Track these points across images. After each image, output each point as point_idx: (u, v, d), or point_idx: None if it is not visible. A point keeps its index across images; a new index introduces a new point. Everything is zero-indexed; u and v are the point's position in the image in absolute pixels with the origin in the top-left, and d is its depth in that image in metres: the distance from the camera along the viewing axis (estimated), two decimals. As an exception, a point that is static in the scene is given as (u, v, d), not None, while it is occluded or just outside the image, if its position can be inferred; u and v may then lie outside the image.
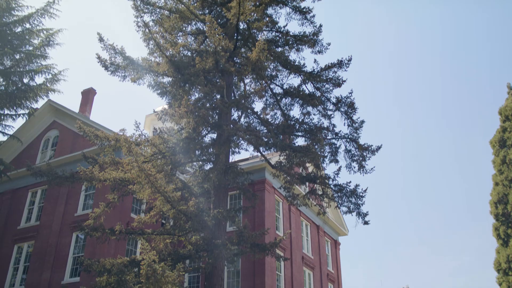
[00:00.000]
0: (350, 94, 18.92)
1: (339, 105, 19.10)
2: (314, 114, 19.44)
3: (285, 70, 19.46)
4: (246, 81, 19.82)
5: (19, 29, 24.96)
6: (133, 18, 24.98)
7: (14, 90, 24.80)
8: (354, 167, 19.01)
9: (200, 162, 19.62)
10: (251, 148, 18.62)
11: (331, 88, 19.12)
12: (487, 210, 41.25)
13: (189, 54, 18.74)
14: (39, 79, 25.38)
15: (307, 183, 20.72)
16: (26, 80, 25.39)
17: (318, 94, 19.11)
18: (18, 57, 25.05)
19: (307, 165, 20.59)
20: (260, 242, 18.12)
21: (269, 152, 19.29)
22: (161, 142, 17.46)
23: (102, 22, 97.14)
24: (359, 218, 18.82)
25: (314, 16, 19.58)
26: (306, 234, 29.92)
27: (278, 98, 19.57)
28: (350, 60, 18.70)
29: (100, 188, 20.98)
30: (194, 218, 16.62)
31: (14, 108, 25.25)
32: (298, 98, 19.15)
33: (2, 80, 24.61)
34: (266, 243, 17.84)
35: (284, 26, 19.78)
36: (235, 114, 19.46)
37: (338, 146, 19.04)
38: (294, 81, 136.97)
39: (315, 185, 19.25)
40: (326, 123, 19.43)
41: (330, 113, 19.27)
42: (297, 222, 28.57)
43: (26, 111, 26.11)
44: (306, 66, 19.08)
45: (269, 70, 19.32)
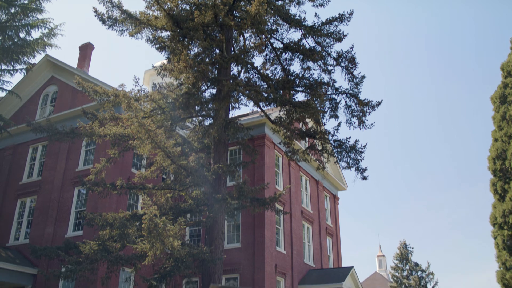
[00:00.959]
0: (351, 49, 18.70)
1: (340, 60, 18.90)
2: (314, 69, 19.28)
3: (285, 24, 19.15)
4: (246, 35, 19.54)
5: (13, -19, 24.42)
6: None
7: (10, 45, 24.50)
8: (354, 123, 19.02)
9: (200, 118, 19.62)
10: (251, 103, 18.58)
11: (332, 42, 18.87)
12: (485, 166, 41.45)
13: (187, 7, 18.41)
14: (36, 34, 25.18)
15: (307, 138, 20.81)
16: (22, 34, 25.06)
17: (319, 48, 18.88)
18: (13, 10, 24.62)
19: (307, 120, 20.61)
20: (260, 197, 18.38)
21: (269, 107, 19.24)
22: (160, 97, 17.41)
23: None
24: (358, 173, 19.00)
25: (315, -33, 19.11)
26: (305, 189, 30.26)
27: (278, 52, 19.34)
28: (351, 14, 18.38)
29: (100, 143, 21.09)
30: (195, 173, 16.78)
31: (12, 63, 25.02)
32: (298, 53, 18.93)
33: (-2, 34, 24.27)
34: (265, 198, 18.07)
35: (284, -22, 19.34)
36: (235, 69, 19.30)
37: (338, 101, 18.98)
38: (295, 35, 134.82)
39: (315, 140, 19.31)
40: (326, 78, 19.31)
41: (330, 68, 19.10)
42: (296, 177, 28.85)
43: (24, 66, 25.90)
44: (306, 20, 18.76)
45: (269, 24, 19.00)
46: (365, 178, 18.99)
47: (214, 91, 18.97)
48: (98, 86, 18.46)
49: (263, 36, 18.77)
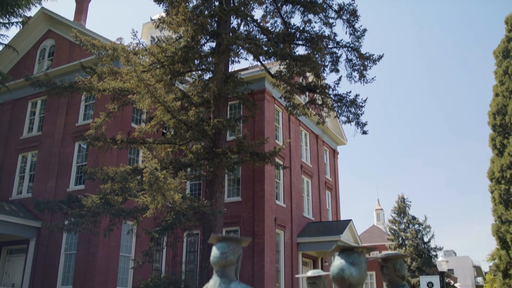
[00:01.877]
0: (353, 1, 18.33)
1: (341, 12, 18.55)
2: (315, 22, 18.96)
3: (286, -25, 18.69)
4: (246, -13, 19.09)
5: None
6: None
7: (5, -3, 23.95)
8: (355, 77, 18.87)
9: (199, 72, 19.45)
10: (251, 57, 18.38)
11: (334, -6, 18.48)
12: (485, 121, 41.39)
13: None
14: (30, -15, 24.41)
15: (307, 93, 20.72)
16: (17, -14, 24.43)
17: (320, 1, 18.49)
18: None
19: (307, 74, 20.43)
20: (259, 151, 18.45)
21: (269, 61, 19.05)
22: (159, 51, 17.20)
23: None
24: (358, 128, 19.03)
25: None
26: (305, 143, 30.37)
27: (279, 5, 18.96)
28: (353, -36, 17.92)
29: (99, 98, 20.97)
30: (195, 128, 16.79)
31: (7, 16, 24.53)
32: (299, 5, 18.56)
33: (-8, -14, 23.69)
34: (265, 152, 18.17)
35: None
36: (234, 22, 18.98)
37: (339, 55, 18.77)
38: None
39: (315, 94, 19.23)
40: (327, 32, 19.06)
41: (331, 21, 18.76)
42: (296, 132, 28.90)
43: (20, 20, 25.38)
44: (308, -29, 18.29)
45: (269, -25, 18.55)
46: (365, 132, 19.03)
47: (213, 45, 18.72)
48: (96, 39, 18.20)
49: (263, -13, 18.34)
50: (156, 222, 19.11)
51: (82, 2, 28.70)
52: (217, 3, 17.59)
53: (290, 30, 18.79)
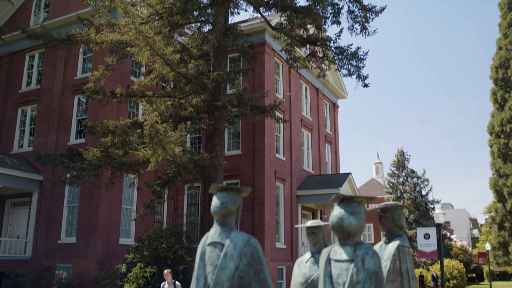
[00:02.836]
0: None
1: (344, -39, 18.05)
2: (316, -28, 18.46)
3: None
4: None
5: None
6: None
7: None
8: (357, 29, 18.56)
9: (198, 24, 19.13)
10: (251, 8, 18.03)
11: None
12: (487, 75, 41.04)
13: None
14: None
15: (308, 45, 20.42)
16: None
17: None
18: None
19: (308, 26, 20.10)
20: (259, 104, 18.39)
21: (269, 13, 18.68)
22: (157, 2, 16.84)
23: None
24: (359, 81, 18.89)
25: None
26: (305, 96, 30.24)
27: (279, -46, 18.41)
28: None
29: (98, 51, 20.72)
30: (194, 81, 16.66)
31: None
32: (300, -46, 18.03)
33: None
34: (265, 105, 18.11)
35: None
36: (234, -28, 18.48)
37: (340, 6, 18.37)
38: None
39: (316, 47, 18.98)
40: (329, -19, 18.55)
41: (333, -30, 18.28)
42: (296, 85, 28.72)
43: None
44: None
45: None
46: (366, 85, 18.91)
47: (212, -4, 18.30)
48: (92, -10, 17.77)
49: None
50: (157, 175, 19.28)
51: (77, -49, 27.87)
52: (216, -48, 17.09)
53: (291, -20, 18.34)
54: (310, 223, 5.26)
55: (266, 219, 22.92)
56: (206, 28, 19.09)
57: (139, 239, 20.41)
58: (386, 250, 5.19)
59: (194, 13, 17.58)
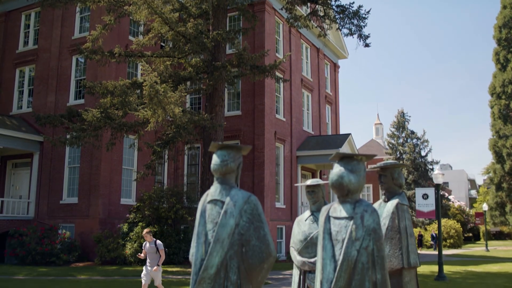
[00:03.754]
0: None
1: None
2: None
3: None
4: None
5: None
6: None
7: None
8: (358, -13, 18.16)
9: (197, -19, 18.70)
10: (251, -35, 17.56)
11: None
12: (490, 35, 40.42)
13: None
14: None
15: (309, 4, 20.05)
16: None
17: None
18: None
19: (309, -16, 19.66)
20: (260, 64, 18.19)
21: (269, -30, 18.26)
22: (154, -42, 16.42)
23: None
24: (360, 40, 18.64)
25: None
26: (306, 56, 29.91)
27: None
28: None
29: (95, 9, 20.36)
30: (193, 40, 16.43)
31: None
32: None
33: None
34: (265, 65, 17.93)
35: None
36: None
37: (342, -37, 17.92)
38: None
39: (317, 5, 18.63)
40: None
41: None
42: (297, 45, 28.36)
43: None
44: None
45: None
46: (367, 45, 18.67)
47: (211, -48, 17.83)
48: None
49: None
50: (157, 135, 19.29)
51: None
52: None
53: None
54: (310, 182, 5.29)
55: (266, 180, 23.09)
56: (205, -15, 18.69)
57: (140, 199, 20.63)
58: (385, 208, 5.24)
59: (193, -30, 17.18)
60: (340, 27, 18.56)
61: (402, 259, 4.97)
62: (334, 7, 18.29)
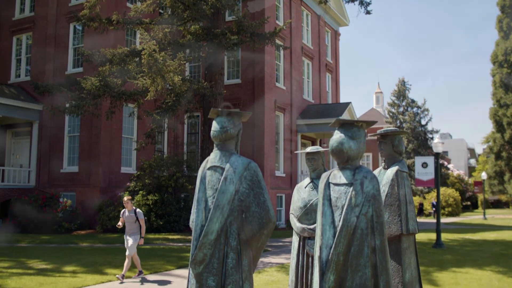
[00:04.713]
0: None
1: None
2: None
3: None
4: None
5: None
6: None
7: None
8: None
9: None
10: None
11: None
12: (494, 1, 39.92)
13: None
14: None
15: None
16: None
17: None
18: None
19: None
20: (260, 32, 17.95)
21: None
22: None
23: None
24: (362, 7, 18.39)
25: None
26: (306, 24, 29.53)
27: None
28: None
29: (91, -25, 19.96)
30: (192, 7, 16.17)
31: None
32: None
33: None
34: (265, 32, 17.69)
35: None
36: None
37: None
38: None
39: (318, -29, 18.26)
40: None
41: None
42: (297, 12, 27.96)
43: None
44: None
45: None
46: (368, 12, 18.43)
47: None
48: None
49: None
50: (156, 104, 19.20)
51: None
52: None
53: None
54: (310, 149, 5.28)
55: (266, 148, 23.11)
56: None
57: (141, 168, 20.70)
58: (385, 175, 5.24)
59: None
60: (341, -6, 18.25)
61: (401, 226, 5.01)
62: (335, -27, 17.95)
